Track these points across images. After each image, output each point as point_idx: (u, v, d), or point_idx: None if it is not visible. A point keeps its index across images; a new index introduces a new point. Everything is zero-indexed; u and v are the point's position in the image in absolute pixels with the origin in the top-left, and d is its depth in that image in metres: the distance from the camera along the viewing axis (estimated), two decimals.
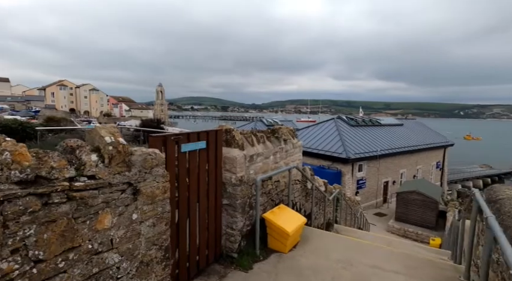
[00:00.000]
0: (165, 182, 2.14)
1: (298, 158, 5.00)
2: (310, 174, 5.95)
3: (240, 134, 3.34)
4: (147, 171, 2.00)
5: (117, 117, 64.98)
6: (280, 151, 4.29)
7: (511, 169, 49.14)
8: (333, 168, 19.50)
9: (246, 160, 3.36)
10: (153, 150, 2.11)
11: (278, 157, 4.21)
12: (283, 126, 4.67)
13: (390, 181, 23.03)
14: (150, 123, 22.23)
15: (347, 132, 22.73)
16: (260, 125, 37.47)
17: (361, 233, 6.80)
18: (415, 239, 16.02)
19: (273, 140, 4.19)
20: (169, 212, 2.22)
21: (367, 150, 20.60)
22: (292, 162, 4.72)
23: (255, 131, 3.81)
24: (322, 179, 7.35)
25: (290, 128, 4.92)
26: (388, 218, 19.25)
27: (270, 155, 3.95)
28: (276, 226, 3.50)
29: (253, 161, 3.54)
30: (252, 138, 3.60)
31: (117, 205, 1.79)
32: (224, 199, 3.26)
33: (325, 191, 6.97)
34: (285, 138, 4.47)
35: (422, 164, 25.99)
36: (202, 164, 2.90)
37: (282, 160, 4.37)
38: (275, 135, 4.28)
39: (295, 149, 4.85)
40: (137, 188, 1.92)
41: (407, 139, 25.66)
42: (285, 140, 4.47)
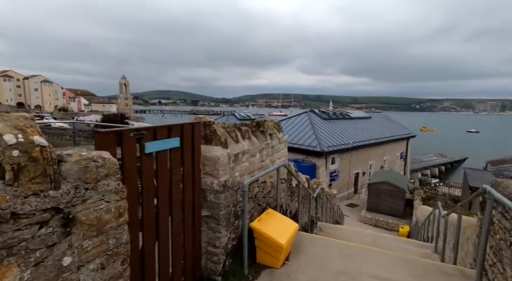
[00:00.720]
0: (119, 200, 1.44)
1: (284, 155, 4.47)
2: (294, 171, 5.47)
3: (222, 129, 2.68)
4: (89, 186, 1.29)
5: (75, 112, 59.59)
6: (267, 147, 3.71)
7: (462, 156, 54.11)
8: (308, 161, 19.52)
9: (230, 160, 2.72)
10: (100, 153, 1.39)
11: (264, 154, 3.63)
12: (267, 119, 4.09)
13: (360, 172, 23.81)
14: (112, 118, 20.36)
15: (320, 126, 22.92)
16: (232, 119, 36.64)
17: (345, 231, 6.55)
18: (386, 228, 16.67)
19: (259, 135, 3.59)
20: (128, 243, 1.53)
21: (339, 143, 20.94)
22: (278, 159, 4.17)
23: (238, 125, 3.17)
24: (304, 175, 6.95)
25: (275, 122, 4.36)
26: (360, 208, 19.86)
27: (256, 153, 3.35)
28: (266, 238, 2.94)
29: (238, 161, 2.91)
30: (236, 134, 2.96)
31: (31, 248, 1.07)
32: (204, 209, 2.60)
33: (308, 188, 6.58)
34: (270, 133, 3.89)
35: (388, 155, 27.29)
36: (176, 168, 2.21)
37: (268, 158, 3.80)
38: (260, 130, 3.68)
39: (281, 145, 4.30)
40: (71, 215, 1.21)
41: (375, 132, 26.69)
42: (270, 135, 3.89)
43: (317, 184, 8.70)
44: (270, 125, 3.99)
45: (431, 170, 43.78)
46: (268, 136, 3.81)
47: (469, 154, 56.72)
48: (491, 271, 2.76)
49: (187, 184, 2.35)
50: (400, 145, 29.36)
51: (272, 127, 4.06)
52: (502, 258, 2.55)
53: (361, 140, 23.01)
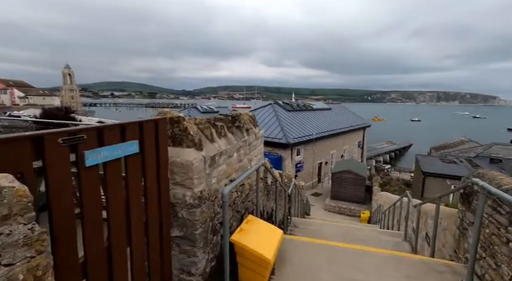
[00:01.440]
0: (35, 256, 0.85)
1: (260, 152, 4.04)
2: (270, 167, 5.09)
3: (195, 127, 2.13)
4: None
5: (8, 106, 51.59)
6: (244, 145, 3.23)
7: (408, 143, 59.78)
8: (274, 154, 19.49)
9: (206, 165, 2.19)
10: None
11: (242, 153, 3.15)
12: (242, 112, 3.59)
13: (323, 162, 24.67)
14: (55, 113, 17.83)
15: (284, 117, 23.03)
16: (194, 112, 35.11)
17: (319, 225, 6.44)
18: (349, 214, 17.54)
19: (235, 132, 3.08)
20: None
21: (304, 134, 21.29)
22: (255, 157, 3.72)
23: (212, 120, 2.63)
24: (277, 170, 6.64)
25: (250, 115, 3.88)
26: (324, 197, 20.60)
27: (233, 153, 2.85)
28: (250, 253, 2.50)
29: (215, 164, 2.39)
30: (211, 131, 2.43)
31: None
32: (175, 229, 2.05)
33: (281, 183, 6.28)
34: (247, 128, 3.41)
35: (348, 145, 28.74)
36: (134, 182, 1.62)
37: (246, 157, 3.33)
38: (236, 125, 3.18)
39: (257, 141, 3.85)
40: None
41: (335, 122, 27.79)
42: (247, 130, 3.41)
43: (288, 178, 8.51)
44: (246, 119, 3.50)
45: (383, 156, 47.59)
46: (244, 132, 3.32)
47: (413, 140, 62.93)
48: (480, 266, 2.70)
49: (152, 200, 1.78)
50: (357, 134, 31.11)
51: (248, 121, 3.58)
52: (496, 254, 2.47)
53: (323, 131, 23.73)
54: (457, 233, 3.33)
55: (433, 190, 12.76)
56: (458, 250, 3.25)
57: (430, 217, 4.49)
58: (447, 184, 12.27)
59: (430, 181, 12.49)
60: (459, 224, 3.30)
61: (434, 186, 12.48)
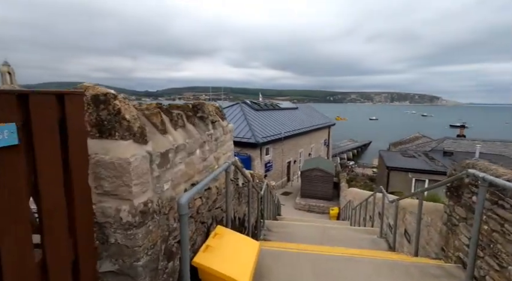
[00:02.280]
0: None
1: (230, 148, 3.45)
2: (240, 167, 4.53)
3: (134, 109, 1.48)
4: None
5: None
6: (209, 140, 2.62)
7: (368, 140, 63.47)
8: (243, 154, 18.96)
9: (154, 164, 1.55)
10: None
11: (207, 149, 2.54)
12: (205, 102, 2.98)
13: (292, 160, 24.78)
14: None
15: (252, 117, 22.63)
16: None
17: (294, 227, 6.04)
18: (318, 212, 17.69)
19: (198, 123, 2.46)
20: None
21: (272, 133, 21.09)
22: (223, 155, 3.13)
23: (165, 106, 1.99)
24: (248, 171, 6.10)
25: (216, 105, 3.28)
26: (294, 196, 20.60)
27: (195, 149, 2.23)
28: (220, 277, 1.91)
29: (169, 164, 1.76)
30: (163, 120, 1.79)
31: None
32: (105, 261, 1.38)
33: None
34: (213, 120, 2.81)
35: (315, 143, 29.34)
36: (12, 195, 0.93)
37: (212, 154, 2.73)
38: (199, 115, 2.55)
39: (226, 136, 3.26)
40: None
41: (303, 121, 28.17)
42: (213, 123, 2.81)
43: (259, 178, 8.02)
44: (211, 110, 2.89)
45: (347, 154, 49.84)
46: (210, 124, 2.71)
47: (372, 138, 67.08)
48: (478, 267, 2.43)
49: (57, 225, 1.10)
50: (323, 132, 31.96)
51: (214, 113, 2.97)
52: (499, 254, 2.20)
53: (291, 130, 23.82)
54: (444, 229, 3.09)
55: (397, 183, 13.26)
56: (447, 247, 3.00)
57: (409, 213, 4.30)
58: (409, 178, 12.82)
59: (394, 175, 12.96)
60: (446, 220, 3.06)
61: (398, 180, 12.97)
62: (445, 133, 65.30)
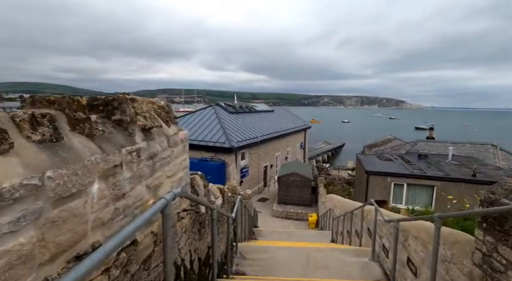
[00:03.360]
0: None
1: (183, 167, 2.39)
2: (203, 185, 3.46)
3: None
4: None
5: None
6: (134, 161, 1.55)
7: (341, 142, 64.93)
8: (216, 159, 17.75)
9: None
10: None
11: (127, 177, 1.47)
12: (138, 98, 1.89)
13: (268, 165, 23.97)
14: None
15: (227, 120, 21.52)
16: None
17: (273, 252, 5.06)
18: (296, 219, 16.95)
19: (110, 133, 1.38)
20: None
21: (248, 137, 20.12)
22: (169, 178, 2.06)
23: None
24: (217, 185, 5.04)
25: (160, 104, 2.21)
26: (271, 201, 19.75)
27: (89, 182, 1.16)
28: None
29: None
30: None
31: None
32: None
33: (223, 203, 4.71)
34: (147, 127, 1.74)
35: (291, 146, 28.85)
36: None
37: (142, 183, 1.65)
38: (116, 119, 1.48)
39: (174, 149, 2.20)
40: None
41: (279, 124, 27.57)
42: (146, 131, 1.74)
43: (232, 191, 6.97)
44: (144, 110, 1.83)
45: (322, 156, 50.35)
46: (138, 133, 1.64)
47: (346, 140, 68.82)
48: None
49: None
50: (299, 135, 31.66)
51: (152, 114, 1.91)
52: None
53: (268, 133, 23.04)
54: (478, 273, 2.28)
55: (377, 188, 12.87)
56: None
57: (413, 238, 3.52)
58: (388, 182, 12.49)
59: (373, 180, 12.56)
60: (481, 261, 2.25)
61: (377, 184, 12.58)
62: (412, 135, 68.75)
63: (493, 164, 14.48)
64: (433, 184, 12.02)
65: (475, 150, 16.09)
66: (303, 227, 16.02)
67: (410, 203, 12.56)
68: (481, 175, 11.88)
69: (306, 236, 9.97)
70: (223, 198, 4.90)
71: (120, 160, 1.36)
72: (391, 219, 3.94)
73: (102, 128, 1.36)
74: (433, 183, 12.00)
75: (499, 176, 11.96)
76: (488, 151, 15.79)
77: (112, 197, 1.31)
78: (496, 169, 13.44)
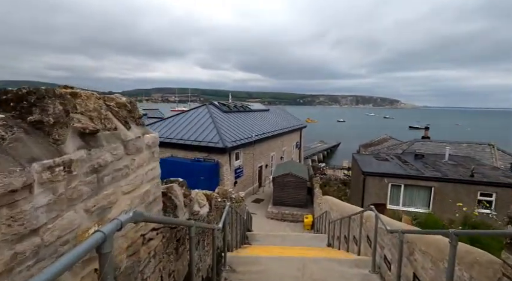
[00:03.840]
0: None
1: (151, 177, 1.95)
2: (183, 195, 3.03)
3: None
4: None
5: None
6: (65, 178, 1.12)
7: (337, 142, 64.87)
8: (210, 160, 17.28)
9: None
10: None
11: (44, 204, 1.03)
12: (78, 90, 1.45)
13: (263, 165, 23.58)
14: None
15: (221, 119, 21.04)
16: None
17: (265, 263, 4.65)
18: (292, 220, 16.59)
19: (14, 142, 0.95)
20: None
21: (242, 136, 19.68)
22: (127, 194, 1.63)
23: None
24: (203, 192, 4.59)
25: (119, 100, 1.77)
26: (266, 202, 19.36)
27: None
28: None
29: None
30: None
31: None
32: None
33: (210, 211, 4.27)
34: (87, 130, 1.30)
35: (287, 146, 28.50)
36: None
37: (77, 206, 1.22)
38: (31, 120, 1.04)
39: (138, 156, 1.76)
40: None
41: (274, 123, 27.18)
42: (89, 135, 1.31)
43: (223, 195, 6.54)
44: (91, 108, 1.39)
45: (318, 155, 50.15)
46: (73, 140, 1.21)
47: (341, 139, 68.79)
48: None
49: None
50: (295, 135, 31.33)
51: (101, 115, 1.47)
52: None
53: (262, 133, 22.63)
54: None
55: (373, 189, 12.56)
56: None
57: (420, 252, 3.13)
58: (385, 183, 12.19)
59: (369, 180, 12.25)
60: None
61: (374, 185, 12.28)
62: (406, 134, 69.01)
63: (490, 164, 14.31)
64: (430, 185, 11.76)
65: (472, 150, 15.93)
66: (298, 229, 15.68)
67: (408, 205, 12.29)
68: (479, 175, 11.66)
69: (301, 240, 9.60)
70: (211, 205, 4.46)
71: (23, 180, 0.92)
72: (395, 230, 3.56)
73: (1, 134, 0.92)
74: (431, 184, 11.74)
75: (496, 176, 11.77)
76: (484, 150, 15.64)
77: (8, 238, 0.87)
78: (494, 169, 13.26)
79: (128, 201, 1.63)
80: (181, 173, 17.15)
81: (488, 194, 11.04)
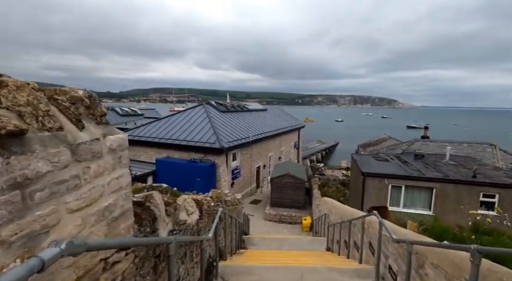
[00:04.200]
0: None
1: (116, 188, 1.60)
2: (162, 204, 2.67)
3: None
4: None
5: None
6: None
7: (335, 142, 64.64)
8: (206, 160, 16.92)
9: None
10: None
11: None
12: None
13: (261, 165, 23.24)
14: None
15: (218, 119, 20.68)
16: (111, 115, 29.62)
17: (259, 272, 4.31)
18: (290, 222, 16.27)
19: None
20: None
21: (240, 137, 19.33)
22: (77, 212, 1.29)
23: None
24: (193, 196, 4.24)
25: (73, 94, 1.42)
26: (264, 204, 19.03)
27: None
28: None
29: None
30: None
31: None
32: None
33: (200, 218, 3.93)
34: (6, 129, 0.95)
35: (285, 146, 28.19)
36: None
37: None
38: None
39: (95, 163, 1.42)
40: None
41: (272, 123, 26.85)
42: (10, 138, 0.96)
43: (218, 198, 6.18)
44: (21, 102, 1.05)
45: (316, 155, 49.89)
46: None
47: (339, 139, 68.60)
48: None
49: None
50: (293, 135, 31.03)
51: (37, 110, 1.13)
52: None
53: (260, 133, 22.29)
54: None
55: (373, 190, 12.26)
56: None
57: (432, 266, 2.80)
58: (385, 184, 11.88)
59: (369, 182, 11.94)
60: None
61: (374, 187, 11.97)
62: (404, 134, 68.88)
63: (491, 164, 14.05)
64: (432, 186, 11.47)
65: (473, 150, 15.68)
66: (296, 231, 15.36)
67: (408, 206, 12.00)
68: (480, 176, 11.38)
69: (299, 244, 9.27)
70: (201, 212, 4.12)
71: None
72: (402, 239, 3.23)
73: None
74: (432, 185, 11.45)
75: (499, 177, 11.50)
76: (485, 150, 15.40)
77: None
78: (495, 169, 13.00)
79: (77, 221, 1.28)
80: (177, 174, 16.74)
81: (490, 195, 10.76)
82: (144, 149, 19.25)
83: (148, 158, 19.03)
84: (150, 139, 18.77)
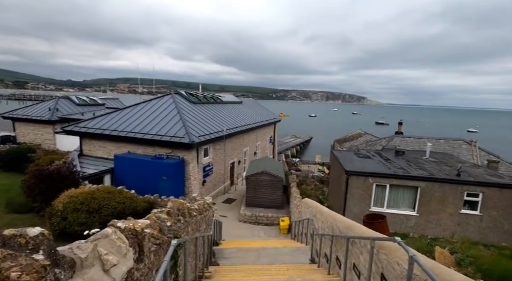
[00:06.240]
0: None
1: None
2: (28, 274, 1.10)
3: None
4: None
5: None
6: None
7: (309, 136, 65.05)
8: (174, 157, 15.04)
9: None
10: None
11: None
12: None
13: (236, 161, 21.77)
14: None
15: (188, 111, 18.72)
16: (65, 104, 26.05)
17: None
18: (267, 223, 15.08)
19: None
20: None
21: (212, 130, 17.61)
22: None
23: None
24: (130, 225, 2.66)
25: None
26: (238, 202, 17.66)
27: None
28: None
29: None
30: None
31: None
32: None
33: (138, 261, 2.37)
34: None
35: (260, 141, 26.93)
36: None
37: None
38: None
39: None
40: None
41: (248, 117, 25.38)
42: None
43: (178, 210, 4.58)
44: None
45: (291, 150, 49.54)
46: None
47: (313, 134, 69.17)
48: None
49: None
50: (269, 129, 29.88)
51: None
52: None
53: (235, 126, 20.71)
54: None
55: (357, 189, 11.35)
56: None
57: None
58: (370, 183, 11.04)
59: (353, 180, 11.02)
60: None
61: (357, 186, 11.08)
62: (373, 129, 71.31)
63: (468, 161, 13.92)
64: (417, 185, 10.85)
65: (449, 146, 15.64)
66: (274, 233, 14.21)
67: (392, 206, 11.32)
68: (464, 174, 10.98)
69: (279, 255, 8.02)
70: (142, 249, 2.57)
71: None
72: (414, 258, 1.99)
73: None
74: (417, 184, 10.84)
75: (482, 175, 11.19)
76: (461, 147, 15.42)
77: None
78: (475, 166, 12.82)
79: None
80: (139, 172, 14.33)
81: (474, 194, 10.35)
82: (102, 143, 16.80)
83: (106, 154, 16.63)
84: (108, 132, 16.35)
